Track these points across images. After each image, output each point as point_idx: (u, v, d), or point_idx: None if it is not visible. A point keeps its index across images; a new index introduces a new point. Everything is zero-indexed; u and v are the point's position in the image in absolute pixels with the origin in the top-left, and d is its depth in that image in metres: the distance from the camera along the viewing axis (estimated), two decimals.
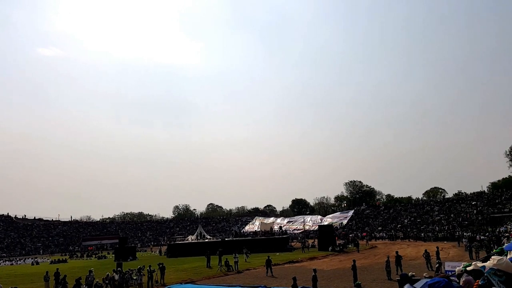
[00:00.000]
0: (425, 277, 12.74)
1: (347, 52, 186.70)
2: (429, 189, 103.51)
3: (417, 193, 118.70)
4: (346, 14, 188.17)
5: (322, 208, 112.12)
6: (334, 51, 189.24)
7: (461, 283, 4.69)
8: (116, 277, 24.61)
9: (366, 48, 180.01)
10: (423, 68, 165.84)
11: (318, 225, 61.05)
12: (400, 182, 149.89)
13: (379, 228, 71.01)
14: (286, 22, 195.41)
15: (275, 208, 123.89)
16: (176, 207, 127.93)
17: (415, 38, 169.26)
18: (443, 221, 62.98)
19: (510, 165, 74.36)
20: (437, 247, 30.44)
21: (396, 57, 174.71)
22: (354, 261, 23.10)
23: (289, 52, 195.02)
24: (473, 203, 65.25)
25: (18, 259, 66.37)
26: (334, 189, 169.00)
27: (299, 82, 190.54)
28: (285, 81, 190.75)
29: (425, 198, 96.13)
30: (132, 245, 67.57)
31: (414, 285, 5.63)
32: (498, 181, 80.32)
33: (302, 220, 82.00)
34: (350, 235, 63.57)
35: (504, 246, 5.19)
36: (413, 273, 13.97)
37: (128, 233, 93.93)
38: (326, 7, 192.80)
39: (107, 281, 24.46)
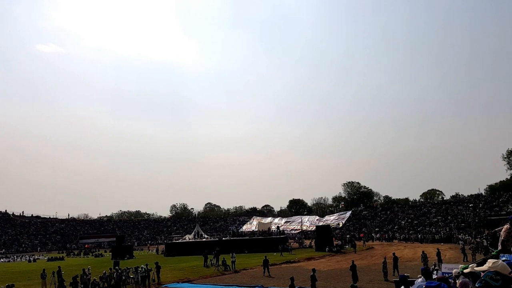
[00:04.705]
0: (419, 278, 12.77)
1: (348, 51, 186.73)
2: (426, 191, 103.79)
3: (415, 195, 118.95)
4: (347, 13, 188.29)
5: (320, 209, 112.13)
6: (335, 50, 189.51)
7: (457, 285, 4.73)
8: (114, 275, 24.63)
9: (368, 48, 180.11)
10: (424, 69, 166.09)
11: (316, 226, 61.11)
12: (397, 184, 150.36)
13: (376, 229, 71.14)
14: (287, 21, 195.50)
15: (272, 208, 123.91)
16: (174, 206, 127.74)
17: (417, 38, 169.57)
18: (440, 223, 63.11)
19: (508, 167, 74.61)
20: (438, 249, 30.56)
21: (398, 57, 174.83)
22: (353, 261, 23.13)
23: (290, 51, 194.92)
24: (470, 205, 65.40)
25: (15, 256, 66.26)
26: (332, 189, 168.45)
27: (300, 82, 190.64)
28: (286, 80, 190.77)
29: (422, 200, 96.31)
30: (129, 243, 67.52)
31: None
32: (496, 183, 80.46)
33: (300, 220, 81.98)
34: (347, 236, 63.65)
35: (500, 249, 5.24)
36: (408, 275, 14.01)
37: (126, 231, 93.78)
38: (327, 5, 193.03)
39: (104, 279, 24.47)
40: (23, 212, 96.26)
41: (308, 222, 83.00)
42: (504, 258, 4.01)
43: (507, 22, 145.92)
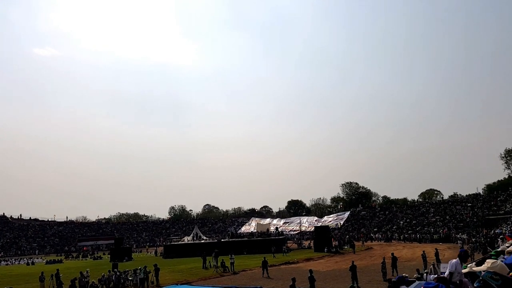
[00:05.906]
0: (417, 276, 12.78)
1: (348, 52, 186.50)
2: (424, 190, 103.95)
3: (413, 195, 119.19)
4: (347, 14, 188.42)
5: (318, 209, 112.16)
6: (334, 51, 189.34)
7: None
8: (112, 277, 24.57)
9: (367, 49, 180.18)
10: (422, 70, 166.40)
11: (314, 227, 61.07)
12: (396, 184, 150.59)
13: (375, 230, 71.22)
14: (286, 22, 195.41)
15: (271, 209, 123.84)
16: (172, 208, 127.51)
17: (416, 39, 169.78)
18: (438, 222, 63.20)
19: (505, 167, 74.89)
20: (436, 249, 30.64)
21: (396, 58, 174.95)
22: (353, 261, 23.13)
23: (289, 52, 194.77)
24: (468, 205, 65.55)
25: (13, 259, 66.01)
26: (330, 190, 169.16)
27: (299, 83, 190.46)
28: (285, 81, 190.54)
29: (420, 200, 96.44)
30: (128, 245, 67.35)
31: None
32: (494, 183, 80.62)
33: (299, 221, 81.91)
34: (347, 237, 63.69)
35: (499, 249, 5.26)
36: (407, 275, 14.02)
37: (124, 233, 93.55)
38: (326, 7, 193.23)
39: (102, 282, 24.42)
40: (21, 215, 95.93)
41: (307, 223, 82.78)
42: (501, 259, 4.03)
43: (506, 23, 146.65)
